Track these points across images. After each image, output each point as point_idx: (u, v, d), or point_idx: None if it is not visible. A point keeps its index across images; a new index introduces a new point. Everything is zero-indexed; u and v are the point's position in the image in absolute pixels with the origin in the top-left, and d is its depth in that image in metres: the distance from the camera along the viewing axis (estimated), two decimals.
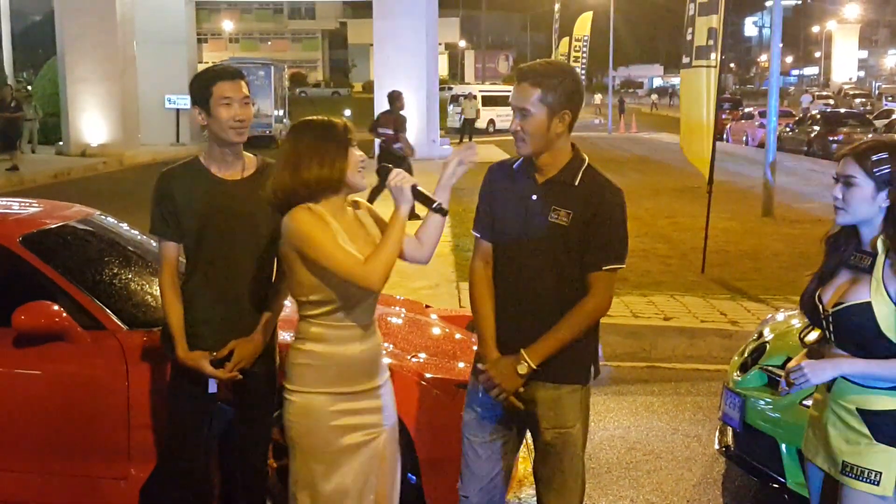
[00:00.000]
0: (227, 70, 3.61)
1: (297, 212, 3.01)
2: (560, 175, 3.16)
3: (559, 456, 3.22)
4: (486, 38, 77.21)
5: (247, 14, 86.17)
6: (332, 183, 3.05)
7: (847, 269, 2.94)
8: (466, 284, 9.67)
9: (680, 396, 6.44)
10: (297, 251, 3.00)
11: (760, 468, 4.58)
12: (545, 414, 3.20)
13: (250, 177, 3.59)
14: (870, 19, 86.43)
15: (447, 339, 4.87)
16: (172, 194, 3.52)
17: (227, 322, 3.52)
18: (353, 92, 75.45)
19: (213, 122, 3.51)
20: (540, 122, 3.10)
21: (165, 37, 29.24)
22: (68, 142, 25.86)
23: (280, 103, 34.16)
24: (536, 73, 3.12)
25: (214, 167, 3.58)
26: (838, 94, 53.96)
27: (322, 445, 3.07)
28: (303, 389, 3.08)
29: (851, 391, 2.88)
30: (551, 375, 3.17)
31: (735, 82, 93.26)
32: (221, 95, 3.50)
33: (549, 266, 3.14)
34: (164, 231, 3.54)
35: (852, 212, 2.87)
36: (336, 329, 3.07)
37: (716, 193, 10.21)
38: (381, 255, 2.98)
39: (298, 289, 3.08)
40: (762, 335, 5.12)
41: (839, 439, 2.90)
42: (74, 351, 3.96)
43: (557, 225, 3.11)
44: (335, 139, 3.07)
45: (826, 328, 2.95)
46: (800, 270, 10.59)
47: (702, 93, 9.85)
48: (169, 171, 3.61)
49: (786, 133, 28.73)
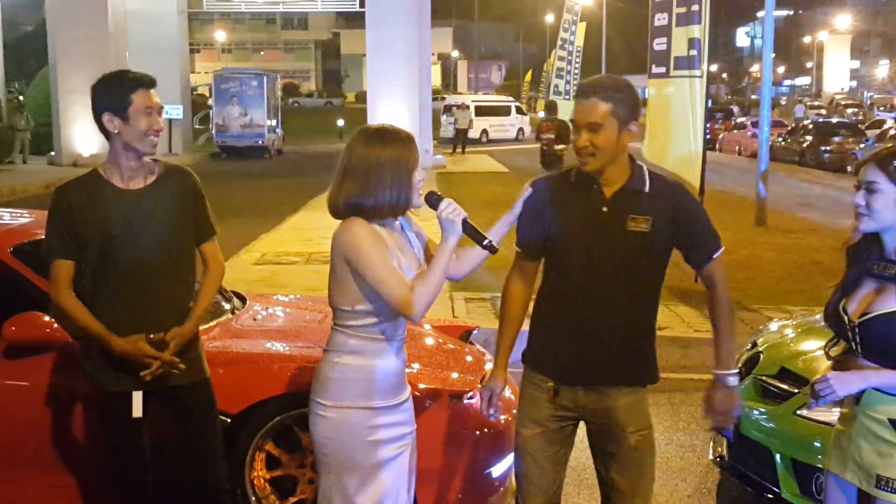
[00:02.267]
0: (145, 78, 3.44)
1: (354, 224, 2.95)
2: (630, 183, 3.19)
3: (642, 458, 3.25)
4: (479, 49, 77.41)
5: (239, 24, 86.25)
6: (399, 212, 3.04)
7: (871, 278, 2.89)
8: (460, 294, 9.61)
9: (674, 406, 6.44)
10: (349, 263, 2.95)
11: (755, 478, 4.57)
12: (629, 419, 3.21)
13: (154, 183, 3.46)
14: (861, 30, 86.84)
15: (441, 349, 4.86)
16: (72, 210, 3.34)
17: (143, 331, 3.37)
18: (346, 102, 75.58)
19: (128, 131, 3.35)
20: (611, 136, 3.12)
21: (158, 47, 29.21)
22: (60, 152, 25.80)
23: (273, 113, 34.18)
24: (605, 88, 3.14)
25: (117, 178, 3.41)
26: (830, 105, 54.19)
27: (360, 460, 3.02)
28: (340, 405, 3.01)
29: (882, 402, 2.82)
30: (631, 379, 3.23)
31: (727, 92, 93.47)
32: (143, 105, 3.37)
33: (627, 274, 3.17)
34: (59, 249, 3.34)
35: (876, 218, 2.83)
36: (377, 342, 3.03)
37: (709, 203, 10.19)
38: (427, 286, 2.94)
39: (344, 298, 3.01)
40: (756, 345, 5.12)
41: (871, 452, 2.84)
42: (65, 362, 3.92)
43: (637, 232, 3.15)
44: (410, 162, 3.02)
45: (852, 339, 2.89)
46: (793, 280, 10.61)
47: (686, 103, 9.80)
48: (67, 186, 3.42)
49: (778, 143, 28.82)
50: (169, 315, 3.44)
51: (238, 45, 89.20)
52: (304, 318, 5.06)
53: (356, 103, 66.27)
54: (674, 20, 10.09)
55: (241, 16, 79.58)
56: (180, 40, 32.11)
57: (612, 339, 3.18)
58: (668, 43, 10.17)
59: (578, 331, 3.21)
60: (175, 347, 3.39)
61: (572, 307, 3.23)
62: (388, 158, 2.98)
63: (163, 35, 30.19)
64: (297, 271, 10.38)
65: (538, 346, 3.33)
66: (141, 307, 3.39)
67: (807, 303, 8.44)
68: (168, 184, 3.48)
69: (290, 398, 4.03)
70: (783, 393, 4.55)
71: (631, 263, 3.17)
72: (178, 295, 3.49)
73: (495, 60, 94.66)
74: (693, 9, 9.72)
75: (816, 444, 4.21)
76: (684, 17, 9.90)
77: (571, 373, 3.23)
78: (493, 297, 8.81)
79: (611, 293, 3.17)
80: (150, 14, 29.62)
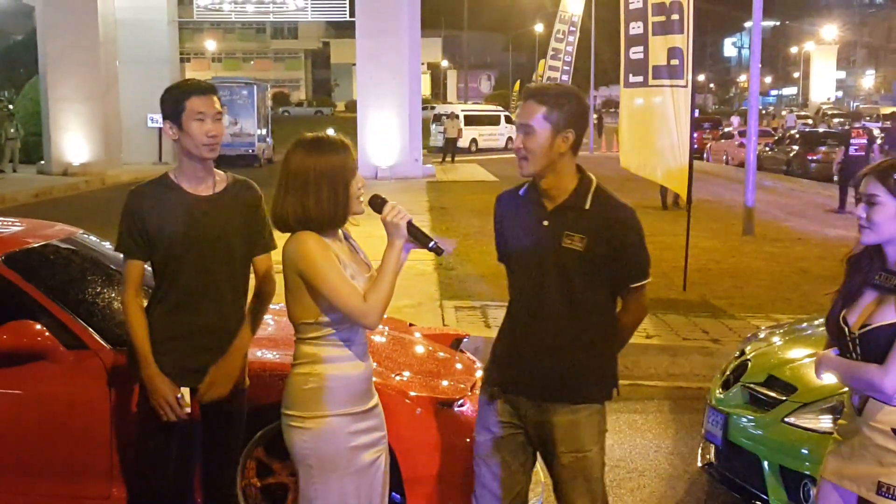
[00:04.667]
0: (199, 85, 3.54)
1: (304, 238, 3.00)
2: (570, 200, 3.17)
3: (575, 481, 3.21)
4: (469, 58, 77.48)
5: (230, 34, 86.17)
6: (339, 223, 3.07)
7: (872, 289, 2.90)
8: (450, 303, 9.63)
9: (663, 414, 6.47)
10: (302, 277, 2.99)
11: (743, 485, 4.60)
12: (563, 439, 3.19)
13: (221, 192, 3.56)
14: (847, 40, 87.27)
15: (431, 357, 4.88)
16: (143, 211, 3.46)
17: (197, 341, 3.47)
18: (335, 111, 75.52)
19: (185, 138, 3.46)
20: (542, 140, 3.10)
21: (148, 56, 29.15)
22: (50, 161, 25.70)
23: (263, 122, 34.15)
24: (542, 92, 3.15)
25: (185, 183, 3.53)
26: (817, 114, 54.41)
27: (344, 466, 3.06)
28: (318, 414, 3.05)
29: (884, 412, 2.84)
30: (569, 396, 3.19)
31: (714, 102, 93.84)
32: (195, 110, 3.44)
33: (563, 291, 3.16)
34: (131, 249, 3.47)
35: (878, 231, 2.85)
36: (346, 349, 3.07)
37: (697, 213, 10.26)
38: (380, 293, 2.99)
39: (305, 312, 3.04)
40: (744, 353, 5.15)
41: (873, 460, 2.85)
42: (57, 370, 3.93)
43: (572, 250, 3.13)
44: (347, 171, 3.04)
45: (852, 350, 2.91)
46: (780, 288, 10.65)
47: (669, 113, 9.68)
48: (139, 189, 3.54)
49: (765, 152, 28.93)
50: (222, 321, 3.50)
51: (228, 54, 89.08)
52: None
53: (346, 112, 66.26)
54: (650, 29, 9.93)
55: (231, 25, 79.59)
56: (170, 49, 32.03)
57: (551, 355, 3.18)
58: (646, 52, 10.02)
59: (522, 343, 3.24)
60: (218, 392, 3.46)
61: (518, 319, 3.26)
62: (325, 169, 3.01)
63: (153, 44, 30.12)
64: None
65: (491, 354, 3.40)
66: (197, 311, 3.47)
67: (794, 311, 8.49)
68: (234, 193, 3.57)
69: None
70: (771, 400, 4.59)
71: (567, 280, 3.15)
72: (234, 303, 3.56)
73: (484, 70, 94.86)
74: (673, 18, 9.57)
75: (804, 451, 4.25)
76: (662, 26, 9.76)
77: (513, 383, 3.25)
78: (482, 306, 8.83)
79: (551, 309, 3.18)
80: (140, 23, 29.54)
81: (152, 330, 3.45)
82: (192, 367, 3.47)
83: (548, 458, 3.28)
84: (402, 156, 25.29)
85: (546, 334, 3.19)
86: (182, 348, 3.47)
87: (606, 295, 3.24)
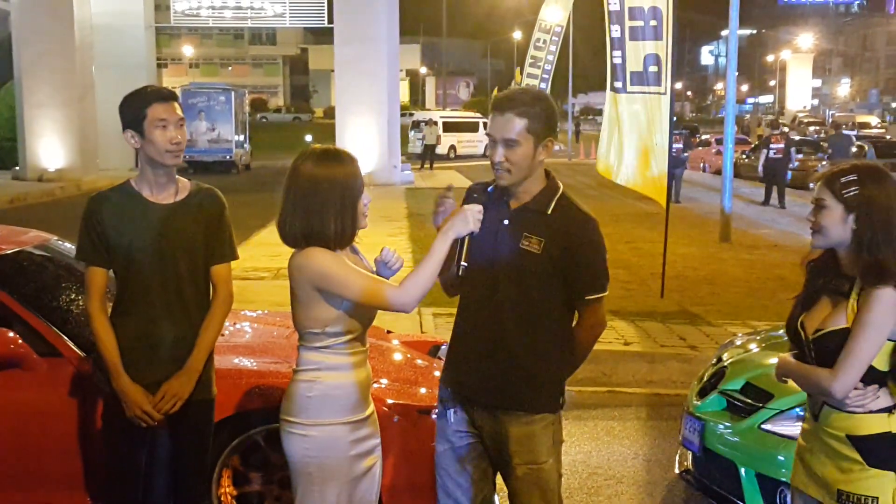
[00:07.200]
0: (160, 92, 3.50)
1: (316, 253, 2.97)
2: (533, 202, 3.14)
3: (530, 494, 3.18)
4: (447, 65, 77.59)
5: (207, 39, 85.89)
6: (347, 241, 3.05)
7: (827, 294, 2.93)
8: (428, 310, 9.59)
9: (640, 421, 6.48)
10: (318, 289, 2.97)
11: (720, 492, 4.60)
12: (517, 450, 3.16)
13: (183, 200, 3.52)
14: (823, 49, 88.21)
15: (409, 364, 4.86)
16: (102, 217, 3.43)
17: (160, 348, 3.44)
18: (314, 117, 75.46)
19: (147, 146, 3.43)
20: (527, 152, 3.07)
21: (125, 62, 29.02)
22: (25, 167, 25.55)
23: (241, 129, 34.04)
24: (521, 103, 3.08)
25: (147, 191, 3.50)
26: (793, 122, 54.84)
27: (345, 473, 3.06)
28: (322, 422, 3.02)
29: (839, 419, 2.85)
30: (521, 405, 3.15)
31: (692, 110, 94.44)
32: (156, 118, 3.41)
33: (518, 292, 3.13)
34: (91, 256, 3.44)
35: (826, 235, 2.88)
36: (350, 357, 3.06)
37: (674, 220, 10.30)
38: (418, 277, 2.94)
39: (314, 322, 3.01)
40: (721, 360, 5.17)
41: (832, 467, 2.86)
42: (31, 378, 3.89)
43: (528, 252, 3.10)
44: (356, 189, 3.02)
45: (808, 354, 2.92)
46: (757, 295, 10.68)
47: (647, 120, 9.61)
48: (100, 195, 3.51)
49: (742, 160, 29.13)
50: (181, 331, 3.47)
51: (206, 59, 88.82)
52: (272, 334, 5.04)
53: (324, 119, 66.21)
54: (627, 33, 9.81)
55: (209, 31, 79.29)
56: (147, 55, 31.93)
57: (504, 361, 3.14)
58: (623, 57, 9.91)
59: (476, 348, 3.19)
60: (169, 406, 3.41)
61: (472, 322, 3.21)
62: (335, 186, 2.99)
63: (130, 49, 30.01)
64: (265, 287, 10.34)
65: (446, 360, 3.36)
66: (157, 318, 3.45)
67: (770, 318, 8.53)
68: (197, 202, 3.53)
69: (258, 414, 4.02)
70: (748, 407, 4.60)
71: (522, 282, 3.11)
72: (194, 311, 3.52)
73: (463, 77, 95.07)
74: (651, 24, 9.48)
75: (781, 457, 4.27)
76: (639, 31, 9.63)
77: (468, 391, 3.21)
78: None
79: (505, 311, 3.13)
80: (117, 28, 29.43)
81: (118, 336, 3.41)
82: (152, 379, 3.42)
83: (503, 469, 3.24)
84: (381, 162, 25.29)
85: (498, 339, 3.14)
86: (142, 359, 3.43)
87: (562, 304, 3.19)
